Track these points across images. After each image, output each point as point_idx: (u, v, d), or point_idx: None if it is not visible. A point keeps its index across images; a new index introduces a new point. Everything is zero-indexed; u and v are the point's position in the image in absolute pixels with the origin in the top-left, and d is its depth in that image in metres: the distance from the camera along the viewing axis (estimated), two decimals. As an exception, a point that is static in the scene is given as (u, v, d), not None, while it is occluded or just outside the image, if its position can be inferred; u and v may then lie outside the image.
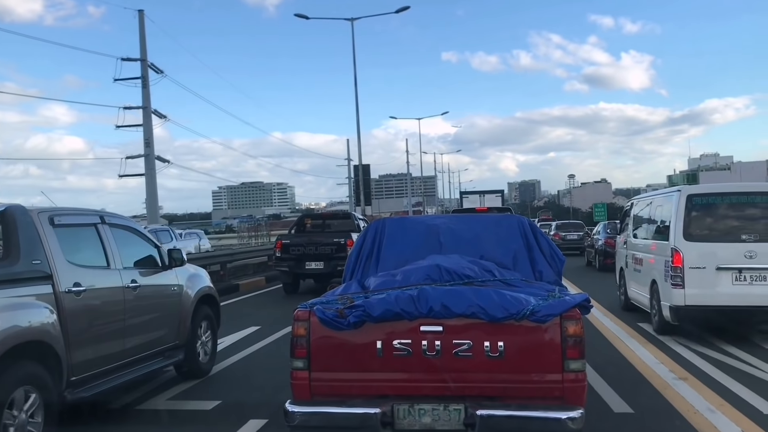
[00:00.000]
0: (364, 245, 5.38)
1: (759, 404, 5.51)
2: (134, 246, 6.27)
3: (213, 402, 5.98)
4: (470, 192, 35.78)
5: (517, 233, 5.31)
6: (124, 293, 5.75)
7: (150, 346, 6.12)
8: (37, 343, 4.57)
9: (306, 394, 3.99)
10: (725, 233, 8.35)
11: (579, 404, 3.76)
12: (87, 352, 5.15)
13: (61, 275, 4.97)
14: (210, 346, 7.26)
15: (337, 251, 14.63)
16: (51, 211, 5.27)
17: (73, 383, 4.98)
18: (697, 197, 8.58)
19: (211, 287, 7.46)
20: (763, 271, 7.98)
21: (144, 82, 23.88)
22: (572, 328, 3.82)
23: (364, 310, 3.87)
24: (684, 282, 8.19)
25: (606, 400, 5.69)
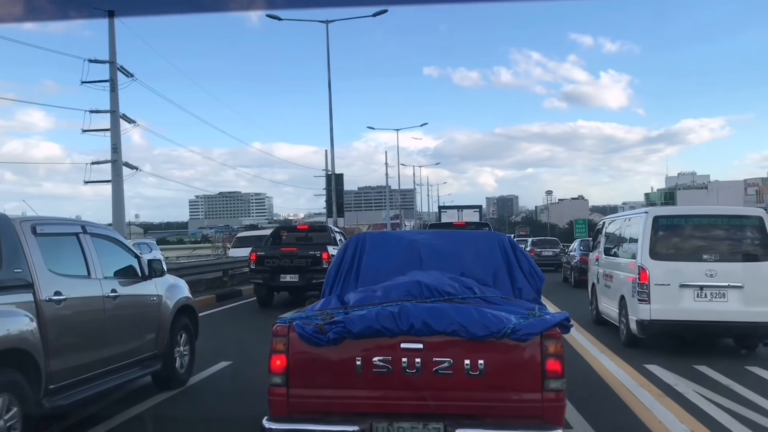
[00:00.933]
0: (344, 259, 5.33)
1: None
2: (115, 256, 6.32)
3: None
4: (449, 206, 36.03)
5: (498, 250, 5.29)
6: (104, 302, 5.80)
7: (128, 355, 6.16)
8: (16, 351, 4.60)
9: (284, 411, 3.92)
10: (688, 253, 8.90)
11: (558, 424, 3.76)
12: (66, 360, 5.18)
13: (42, 284, 5.02)
14: (187, 356, 7.30)
15: (312, 264, 14.48)
16: (33, 220, 5.31)
17: (51, 391, 5.01)
18: (663, 218, 9.13)
19: (190, 298, 7.51)
20: (722, 289, 8.55)
21: (113, 85, 22.88)
22: (552, 347, 3.80)
23: (344, 327, 3.82)
24: (650, 298, 8.72)
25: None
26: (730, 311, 8.50)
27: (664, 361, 8.26)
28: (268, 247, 15.89)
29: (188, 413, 6.18)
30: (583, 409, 5.78)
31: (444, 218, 29.75)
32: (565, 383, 3.84)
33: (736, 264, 8.73)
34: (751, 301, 8.50)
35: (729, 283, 8.55)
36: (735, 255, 8.85)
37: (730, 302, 8.53)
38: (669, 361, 8.27)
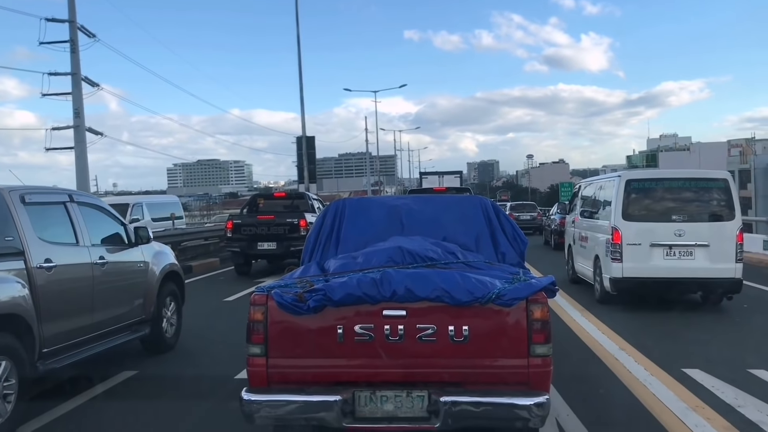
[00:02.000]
0: (323, 226, 5.22)
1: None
2: (101, 223, 6.45)
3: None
4: (430, 173, 36.07)
5: (480, 215, 5.21)
6: (93, 269, 5.95)
7: (118, 320, 6.34)
8: (10, 316, 4.77)
9: (263, 382, 3.79)
10: (659, 214, 9.47)
11: (544, 390, 3.68)
12: (57, 325, 5.35)
13: (33, 251, 5.16)
14: (175, 321, 7.51)
15: (290, 231, 14.50)
16: (21, 189, 5.43)
17: (45, 355, 5.19)
18: (635, 182, 9.73)
19: (176, 264, 7.68)
20: (690, 248, 9.21)
21: (73, 46, 21.50)
22: (538, 312, 3.71)
23: (324, 294, 3.71)
24: (622, 257, 9.34)
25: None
26: (697, 268, 9.15)
27: (632, 315, 9.10)
28: (245, 215, 15.84)
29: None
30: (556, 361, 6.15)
31: (425, 184, 29.85)
32: (552, 348, 3.76)
33: (702, 224, 9.29)
34: (716, 258, 9.14)
35: (696, 242, 9.18)
36: (702, 215, 9.40)
37: (696, 260, 9.17)
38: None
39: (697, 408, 5.02)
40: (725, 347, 7.28)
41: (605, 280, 9.72)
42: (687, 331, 8.17)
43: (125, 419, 5.20)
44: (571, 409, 4.99)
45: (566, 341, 7.28)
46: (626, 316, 9.02)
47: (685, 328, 8.30)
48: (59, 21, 21.38)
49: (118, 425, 5.09)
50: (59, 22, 21.39)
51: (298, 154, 32.69)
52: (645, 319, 8.89)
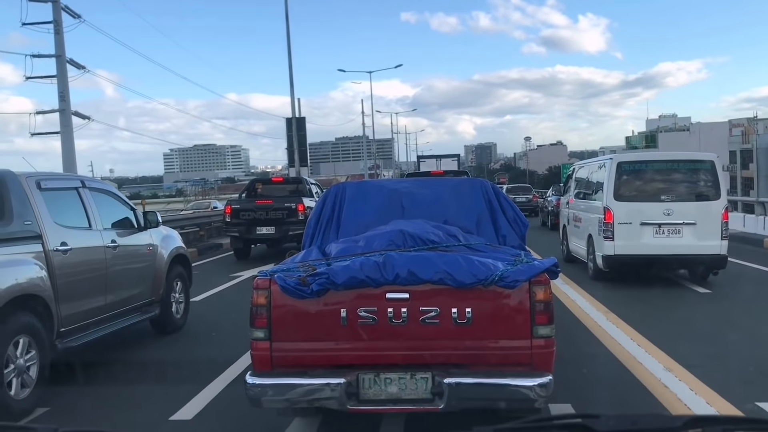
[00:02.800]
0: (324, 210, 5.21)
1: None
2: (112, 208, 6.70)
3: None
4: (427, 156, 36.24)
5: (481, 197, 5.21)
6: (105, 252, 6.19)
7: (129, 301, 6.60)
8: (31, 297, 5.02)
9: (267, 365, 3.80)
10: (648, 194, 9.93)
11: (547, 370, 3.68)
12: (73, 305, 5.61)
13: (50, 235, 5.40)
14: (183, 302, 7.77)
15: (288, 216, 14.62)
16: (37, 175, 5.66)
17: (62, 334, 5.46)
18: (626, 164, 10.19)
19: (183, 247, 7.92)
20: (678, 226, 9.67)
21: (57, 27, 20.72)
22: (541, 294, 3.72)
23: (327, 278, 3.71)
24: (614, 235, 9.79)
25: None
26: (684, 245, 9.61)
27: (622, 290, 9.64)
28: (243, 200, 15.99)
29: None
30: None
31: (422, 167, 30.02)
32: (554, 329, 3.79)
33: (690, 204, 9.75)
34: (702, 236, 9.60)
35: (684, 220, 9.65)
36: (689, 195, 9.87)
37: (684, 237, 9.64)
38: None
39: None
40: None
41: (598, 258, 10.18)
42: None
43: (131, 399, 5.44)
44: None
45: (558, 315, 7.63)
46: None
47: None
48: (42, 0, 20.73)
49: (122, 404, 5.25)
50: (42, 2, 20.74)
51: (288, 136, 30.90)
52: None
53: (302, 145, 30.79)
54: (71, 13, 21.43)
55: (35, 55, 21.40)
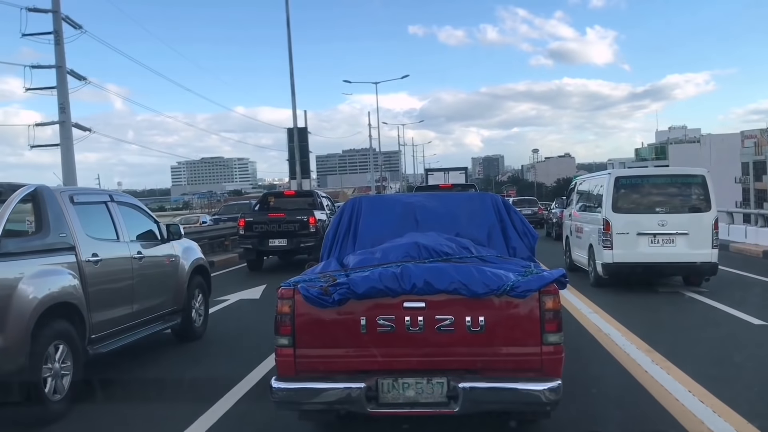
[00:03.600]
0: (341, 223, 5.41)
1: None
2: (137, 221, 7.02)
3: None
4: (435, 169, 36.60)
5: (491, 211, 5.41)
6: (132, 263, 6.51)
7: (153, 310, 6.90)
8: (66, 305, 5.32)
9: (291, 371, 3.98)
10: (644, 206, 10.69)
11: (556, 376, 3.86)
12: (103, 313, 5.91)
13: (82, 246, 5.72)
14: (203, 311, 8.06)
15: (300, 228, 15.02)
16: (70, 190, 6.01)
17: (93, 340, 5.75)
18: (624, 179, 11.03)
19: (203, 258, 8.23)
20: (672, 236, 10.40)
21: (57, 37, 20.34)
22: (550, 303, 3.89)
23: (348, 288, 3.89)
24: (612, 245, 10.54)
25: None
26: (678, 253, 10.35)
27: (620, 296, 10.33)
28: (256, 212, 16.43)
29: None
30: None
31: (431, 180, 30.37)
32: (563, 336, 3.94)
33: (683, 215, 10.49)
34: (694, 245, 10.31)
35: (677, 230, 10.37)
36: (682, 207, 10.60)
37: (677, 246, 10.36)
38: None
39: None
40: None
41: (598, 266, 10.91)
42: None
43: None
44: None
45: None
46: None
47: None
48: (42, 11, 20.39)
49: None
50: (42, 12, 20.39)
51: (289, 147, 29.80)
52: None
53: (304, 156, 30.00)
54: (72, 24, 21.15)
55: (35, 66, 21.13)
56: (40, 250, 5.28)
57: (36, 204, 5.48)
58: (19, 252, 5.08)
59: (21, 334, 4.75)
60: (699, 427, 4.56)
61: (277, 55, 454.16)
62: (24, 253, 5.13)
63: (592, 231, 11.42)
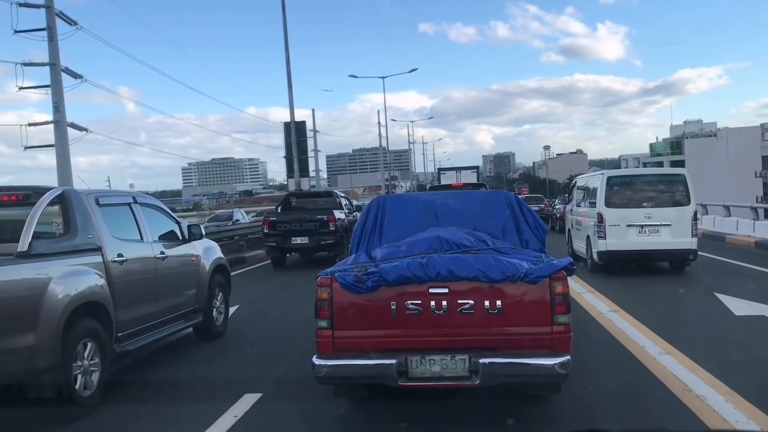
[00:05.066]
0: (368, 220, 5.89)
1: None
2: (160, 222, 7.17)
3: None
4: (447, 168, 36.81)
5: (505, 207, 5.86)
6: (155, 263, 6.65)
7: (176, 308, 7.04)
8: (94, 304, 5.46)
9: (329, 350, 4.43)
10: (633, 202, 12.17)
11: (566, 352, 4.27)
12: (129, 312, 6.05)
13: (108, 247, 5.87)
14: (223, 310, 8.20)
15: (320, 227, 15.87)
16: (95, 192, 6.16)
17: (119, 338, 5.90)
18: (615, 178, 12.59)
19: (223, 258, 8.37)
20: (657, 227, 11.86)
21: (50, 33, 19.57)
22: (560, 288, 4.32)
23: (380, 276, 4.34)
24: (606, 235, 11.99)
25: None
26: (662, 242, 11.84)
27: (614, 279, 11.55)
28: (280, 212, 17.43)
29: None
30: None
31: (443, 180, 30.73)
32: (572, 317, 4.37)
33: (666, 209, 11.97)
34: (676, 234, 11.81)
35: (661, 222, 11.85)
36: (666, 202, 12.11)
37: (662, 236, 11.83)
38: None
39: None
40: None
41: (594, 254, 12.33)
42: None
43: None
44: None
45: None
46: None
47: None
48: (33, 6, 19.61)
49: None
50: (33, 7, 19.56)
51: (286, 143, 27.85)
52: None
53: (303, 153, 28.33)
54: (67, 20, 20.48)
55: (27, 64, 20.49)
56: (69, 251, 5.44)
57: (63, 206, 5.64)
58: (49, 253, 5.24)
59: (52, 332, 4.89)
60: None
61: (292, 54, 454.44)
62: (54, 254, 5.30)
63: (589, 224, 12.87)
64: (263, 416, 5.06)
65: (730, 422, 4.42)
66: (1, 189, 5.95)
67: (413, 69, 65.55)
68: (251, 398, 5.32)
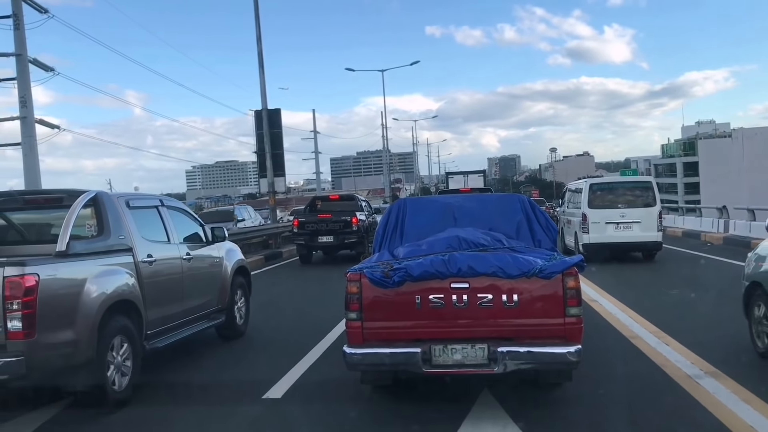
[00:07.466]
0: (389, 222, 6.24)
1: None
2: (185, 224, 7.37)
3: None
4: (455, 172, 37.10)
5: (519, 209, 6.22)
6: (182, 264, 6.86)
7: (201, 308, 7.24)
8: (126, 302, 5.67)
9: (359, 340, 4.80)
10: (610, 203, 15.26)
11: (577, 341, 4.62)
12: (158, 311, 6.25)
13: (139, 248, 6.07)
14: (244, 311, 8.40)
15: (344, 227, 17.66)
16: (126, 195, 6.37)
17: (149, 336, 6.10)
18: (596, 185, 15.96)
19: (244, 260, 8.58)
20: (630, 224, 14.92)
21: (16, 21, 18.13)
22: (572, 283, 4.67)
23: (405, 272, 4.67)
24: (589, 230, 15.08)
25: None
26: (634, 236, 14.93)
27: (598, 267, 12.93)
28: (308, 214, 19.24)
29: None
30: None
31: (451, 184, 31.14)
32: (582, 310, 4.73)
33: (637, 209, 15.01)
34: (645, 229, 14.85)
35: (633, 220, 14.91)
36: (637, 203, 15.19)
37: (633, 230, 14.91)
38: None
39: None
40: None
41: (580, 246, 15.23)
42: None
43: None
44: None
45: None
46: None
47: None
48: None
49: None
50: None
51: (257, 135, 23.93)
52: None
53: (277, 148, 23.81)
54: (36, 7, 19.05)
55: None
56: (103, 251, 5.64)
57: (97, 208, 5.85)
58: (85, 253, 5.45)
59: (89, 328, 5.10)
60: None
61: (293, 60, 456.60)
62: (89, 254, 5.50)
63: (575, 222, 15.85)
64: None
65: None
66: (37, 192, 6.17)
67: (415, 62, 65.22)
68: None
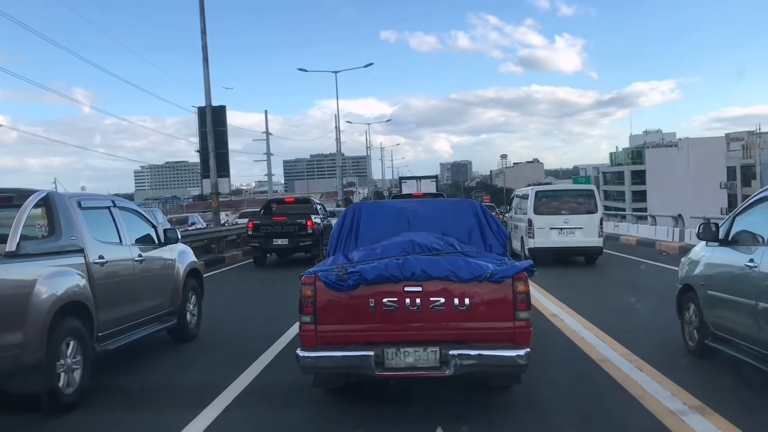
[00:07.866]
0: (344, 225, 6.31)
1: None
2: (137, 225, 7.31)
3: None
4: (408, 177, 37.45)
5: (471, 214, 6.36)
6: (133, 265, 6.80)
7: (153, 310, 7.19)
8: (77, 303, 5.60)
9: (312, 343, 4.82)
10: (555, 210, 15.90)
11: (526, 345, 4.73)
12: (109, 313, 6.18)
13: (90, 249, 6.01)
14: (196, 313, 8.35)
15: (299, 230, 17.65)
16: (77, 195, 6.30)
17: (100, 338, 6.03)
18: (541, 192, 16.68)
19: (196, 262, 8.53)
20: (573, 229, 15.61)
21: None
22: (521, 287, 4.78)
23: (360, 275, 4.71)
24: (534, 235, 15.67)
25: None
26: (577, 241, 15.60)
27: (542, 270, 13.80)
28: (263, 216, 18.96)
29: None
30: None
31: (404, 189, 31.50)
32: (531, 314, 4.87)
33: (580, 216, 15.66)
34: (587, 235, 15.55)
35: (576, 225, 15.58)
36: (579, 210, 15.83)
37: (576, 236, 15.58)
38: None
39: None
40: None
41: (526, 250, 15.78)
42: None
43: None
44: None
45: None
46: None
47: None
48: None
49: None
50: None
51: (200, 133, 22.77)
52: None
53: (222, 147, 22.78)
54: None
55: None
56: (53, 251, 5.57)
57: (48, 208, 5.77)
58: (35, 253, 5.38)
59: (39, 330, 5.03)
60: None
61: (247, 61, 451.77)
62: (39, 254, 5.43)
63: (522, 227, 16.40)
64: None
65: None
66: (-16, 192, 6.04)
67: (369, 63, 64.12)
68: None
